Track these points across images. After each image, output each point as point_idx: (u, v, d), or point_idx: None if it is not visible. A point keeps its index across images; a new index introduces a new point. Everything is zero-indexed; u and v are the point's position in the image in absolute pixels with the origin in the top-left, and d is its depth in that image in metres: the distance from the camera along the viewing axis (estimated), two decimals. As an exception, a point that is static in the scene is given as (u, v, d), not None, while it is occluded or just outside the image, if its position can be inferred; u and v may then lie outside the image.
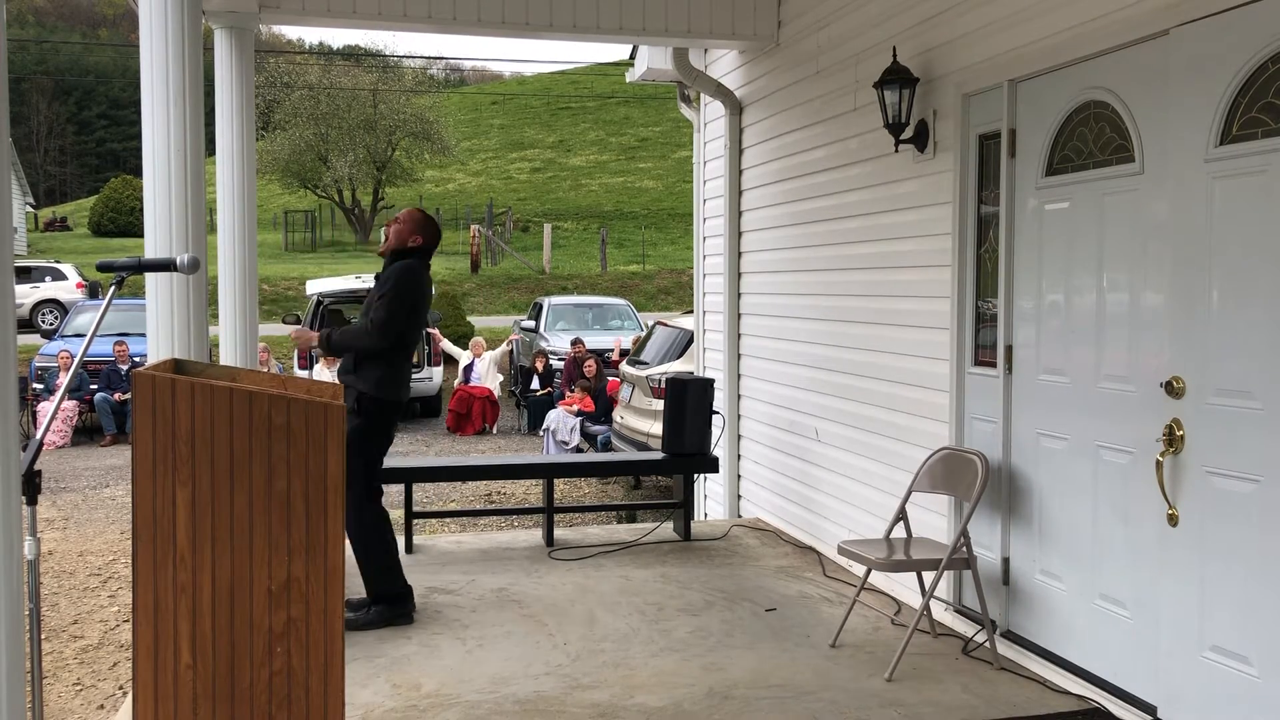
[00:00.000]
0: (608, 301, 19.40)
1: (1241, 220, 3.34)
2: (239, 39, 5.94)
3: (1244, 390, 3.34)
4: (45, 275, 24.25)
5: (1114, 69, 3.91)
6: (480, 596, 5.38)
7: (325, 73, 41.18)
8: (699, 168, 8.23)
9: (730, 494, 7.61)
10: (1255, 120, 3.30)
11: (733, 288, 7.45)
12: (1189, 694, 3.55)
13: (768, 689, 4.17)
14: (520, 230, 38.94)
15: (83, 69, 72.69)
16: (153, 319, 4.49)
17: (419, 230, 4.98)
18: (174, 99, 4.40)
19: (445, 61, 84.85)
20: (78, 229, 45.87)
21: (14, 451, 2.27)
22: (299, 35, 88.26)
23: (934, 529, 4.90)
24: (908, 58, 5.09)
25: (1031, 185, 4.37)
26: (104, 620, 6.63)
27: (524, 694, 4.12)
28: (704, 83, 7.61)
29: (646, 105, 57.03)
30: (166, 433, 2.67)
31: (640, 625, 4.95)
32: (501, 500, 10.43)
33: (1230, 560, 3.39)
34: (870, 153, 5.51)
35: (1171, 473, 3.60)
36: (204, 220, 4.52)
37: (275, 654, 2.71)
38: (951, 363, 4.83)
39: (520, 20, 6.33)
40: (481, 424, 14.87)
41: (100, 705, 5.32)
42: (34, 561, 2.71)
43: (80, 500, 10.43)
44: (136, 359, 14.36)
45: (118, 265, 3.19)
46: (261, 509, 2.70)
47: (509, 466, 6.73)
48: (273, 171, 38.33)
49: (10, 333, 2.26)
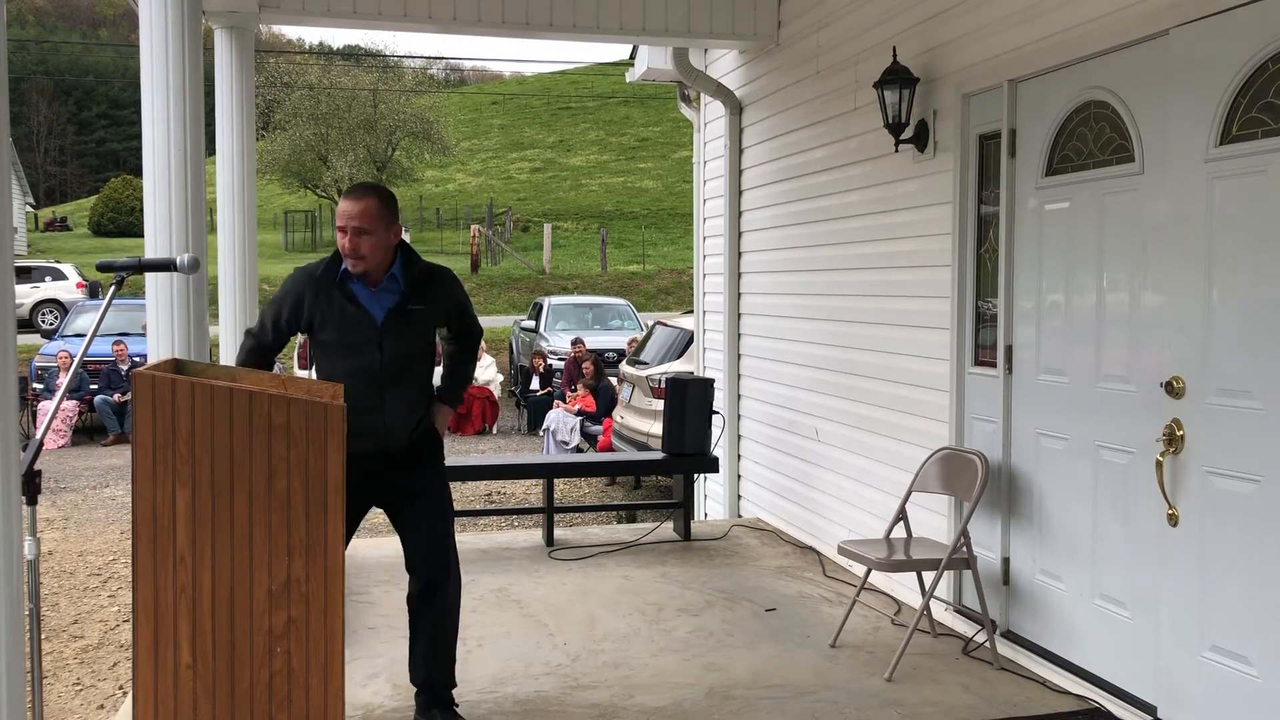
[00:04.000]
0: (608, 301, 19.39)
1: (1241, 220, 3.34)
2: (239, 39, 5.94)
3: (1244, 390, 3.33)
4: (45, 275, 24.25)
5: (1114, 69, 3.91)
6: (480, 596, 5.38)
7: (325, 73, 41.18)
8: (699, 168, 8.23)
9: (730, 494, 7.61)
10: (1255, 120, 3.30)
11: (733, 288, 7.45)
12: (1189, 694, 3.55)
13: (768, 689, 4.17)
14: (520, 230, 38.94)
15: (83, 69, 72.67)
16: (153, 319, 4.48)
17: (393, 217, 3.62)
18: (174, 99, 4.39)
19: (445, 61, 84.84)
20: (78, 229, 45.87)
21: (14, 451, 2.27)
22: (299, 35, 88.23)
23: (934, 529, 4.90)
24: (908, 58, 5.09)
25: (1031, 185, 4.37)
26: (104, 620, 6.63)
27: (524, 694, 4.12)
28: (704, 83, 7.61)
29: (646, 105, 57.02)
30: (166, 433, 2.67)
31: (640, 625, 4.95)
32: (501, 500, 10.43)
33: (1230, 560, 3.39)
34: (870, 153, 5.51)
35: (1171, 473, 3.60)
36: (204, 220, 4.52)
37: (275, 654, 2.71)
38: (951, 363, 4.82)
39: (520, 20, 6.32)
40: (481, 424, 14.87)
41: (100, 705, 5.32)
42: (34, 561, 2.71)
43: (80, 500, 10.43)
44: (136, 359, 14.36)
45: (118, 265, 3.19)
46: (261, 509, 2.70)
47: (509, 466, 6.73)
48: (273, 171, 38.32)
49: (10, 333, 2.26)
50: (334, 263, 3.67)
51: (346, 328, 3.61)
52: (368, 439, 3.60)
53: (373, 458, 3.64)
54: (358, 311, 3.61)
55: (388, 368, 3.63)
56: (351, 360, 3.61)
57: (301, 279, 3.68)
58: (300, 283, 3.68)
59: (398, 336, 3.64)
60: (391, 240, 3.64)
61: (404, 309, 3.65)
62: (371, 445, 3.62)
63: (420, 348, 3.72)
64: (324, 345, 3.66)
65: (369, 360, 3.61)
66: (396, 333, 3.63)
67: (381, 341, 3.62)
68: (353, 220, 3.55)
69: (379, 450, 3.65)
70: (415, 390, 3.73)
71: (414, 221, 42.46)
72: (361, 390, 3.57)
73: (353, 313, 3.61)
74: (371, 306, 3.63)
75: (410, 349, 3.67)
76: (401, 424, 3.68)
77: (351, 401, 3.48)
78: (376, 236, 3.57)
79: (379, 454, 3.65)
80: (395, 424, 3.66)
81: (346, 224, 3.57)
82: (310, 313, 3.64)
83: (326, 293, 3.63)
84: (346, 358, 3.63)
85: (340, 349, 3.63)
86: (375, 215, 3.57)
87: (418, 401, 3.75)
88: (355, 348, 3.61)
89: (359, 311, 3.61)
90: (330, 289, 3.63)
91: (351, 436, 3.41)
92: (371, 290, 3.64)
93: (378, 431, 3.63)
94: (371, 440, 3.62)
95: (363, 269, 3.59)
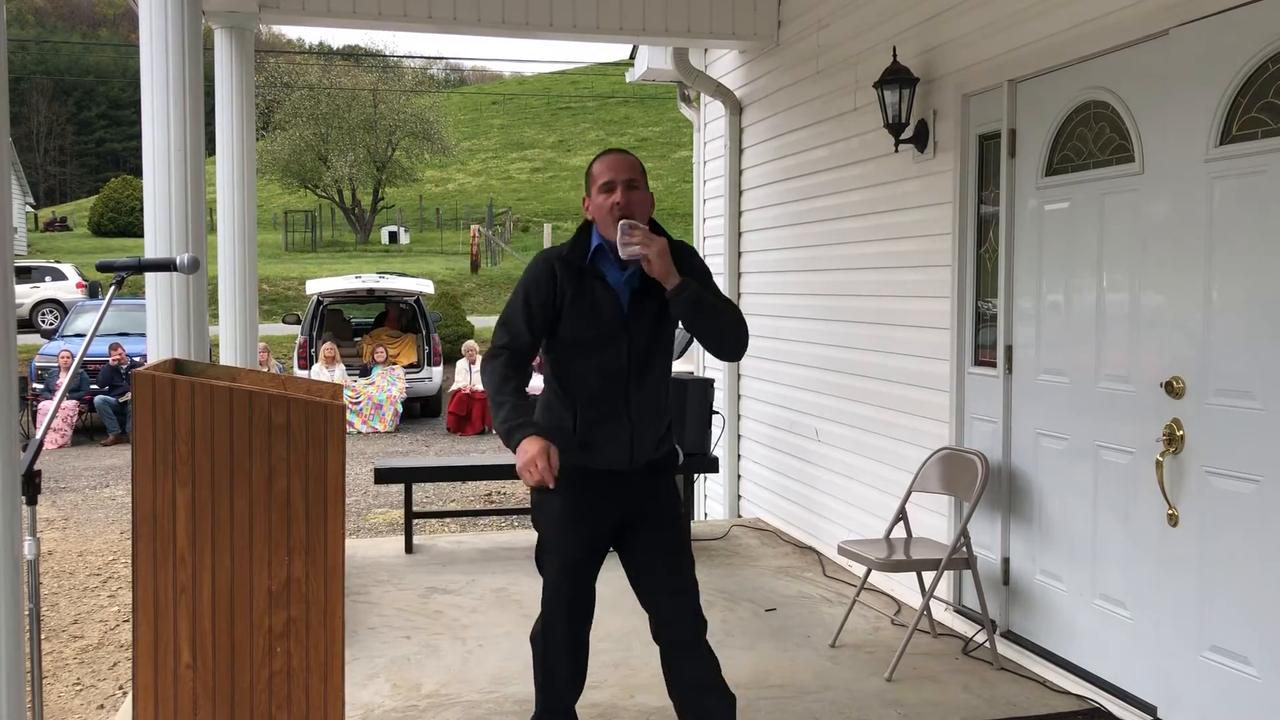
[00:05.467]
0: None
1: (1241, 220, 3.34)
2: (239, 39, 5.94)
3: (1244, 390, 3.33)
4: (45, 275, 24.24)
5: (1114, 69, 3.91)
6: (480, 596, 5.38)
7: (325, 73, 41.21)
8: (699, 168, 8.23)
9: (730, 494, 7.61)
10: (1255, 120, 3.30)
11: (733, 287, 7.45)
12: (1189, 694, 3.55)
13: (768, 689, 4.17)
14: (520, 230, 38.93)
15: (83, 69, 72.69)
16: (153, 319, 4.48)
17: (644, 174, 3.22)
18: (174, 99, 4.39)
19: (445, 61, 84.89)
20: (78, 229, 45.85)
21: (14, 451, 2.27)
22: (299, 35, 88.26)
23: (934, 529, 4.90)
24: (908, 58, 5.09)
25: (1031, 185, 4.37)
26: (104, 620, 6.63)
27: (524, 694, 4.12)
28: (704, 83, 7.61)
29: (646, 105, 57.03)
30: (166, 433, 2.66)
31: (640, 625, 4.94)
32: (501, 500, 10.43)
33: (1230, 560, 3.39)
34: (870, 153, 5.51)
35: (1171, 473, 3.60)
36: (204, 220, 4.52)
37: (275, 654, 2.71)
38: (951, 363, 4.82)
39: (520, 20, 6.32)
40: (481, 424, 14.87)
41: (100, 705, 5.32)
42: (34, 561, 2.71)
43: (80, 500, 10.43)
44: (135, 359, 14.37)
45: (118, 265, 3.19)
46: (261, 509, 2.70)
47: (509, 466, 6.73)
48: (273, 171, 38.33)
49: (10, 333, 2.26)
50: (581, 240, 3.18)
51: (598, 316, 3.10)
52: (612, 449, 3.15)
53: (612, 474, 3.17)
54: (609, 296, 3.12)
55: (635, 362, 3.13)
56: (599, 355, 3.12)
57: (545, 262, 3.17)
58: (546, 265, 3.15)
59: (646, 324, 3.15)
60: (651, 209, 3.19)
61: (652, 291, 3.13)
62: (616, 457, 3.15)
63: (667, 337, 3.23)
64: (568, 341, 3.15)
65: (615, 355, 3.12)
66: (644, 320, 3.15)
67: (630, 331, 3.12)
68: (623, 173, 3.09)
69: (622, 464, 3.16)
70: (661, 390, 3.24)
71: (414, 221, 42.48)
72: (607, 391, 3.13)
73: (604, 298, 3.11)
74: (620, 290, 3.14)
75: (657, 339, 3.19)
76: (650, 430, 3.19)
77: (595, 406, 3.13)
78: (645, 195, 3.14)
79: (621, 470, 3.17)
80: (643, 430, 3.17)
81: (617, 177, 3.09)
82: (560, 300, 3.12)
83: (575, 275, 3.12)
84: (594, 353, 3.12)
85: (588, 344, 3.12)
86: (642, 171, 3.17)
87: (662, 403, 3.24)
88: (604, 341, 3.11)
89: (610, 296, 3.12)
90: (579, 270, 3.13)
91: (593, 448, 3.14)
92: (622, 271, 3.14)
93: (623, 440, 3.15)
94: (616, 451, 3.15)
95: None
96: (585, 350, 3.13)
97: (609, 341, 3.11)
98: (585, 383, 3.13)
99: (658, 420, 3.22)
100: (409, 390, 15.68)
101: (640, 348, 3.14)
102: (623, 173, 3.09)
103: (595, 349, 3.12)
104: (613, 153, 3.18)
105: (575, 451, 3.13)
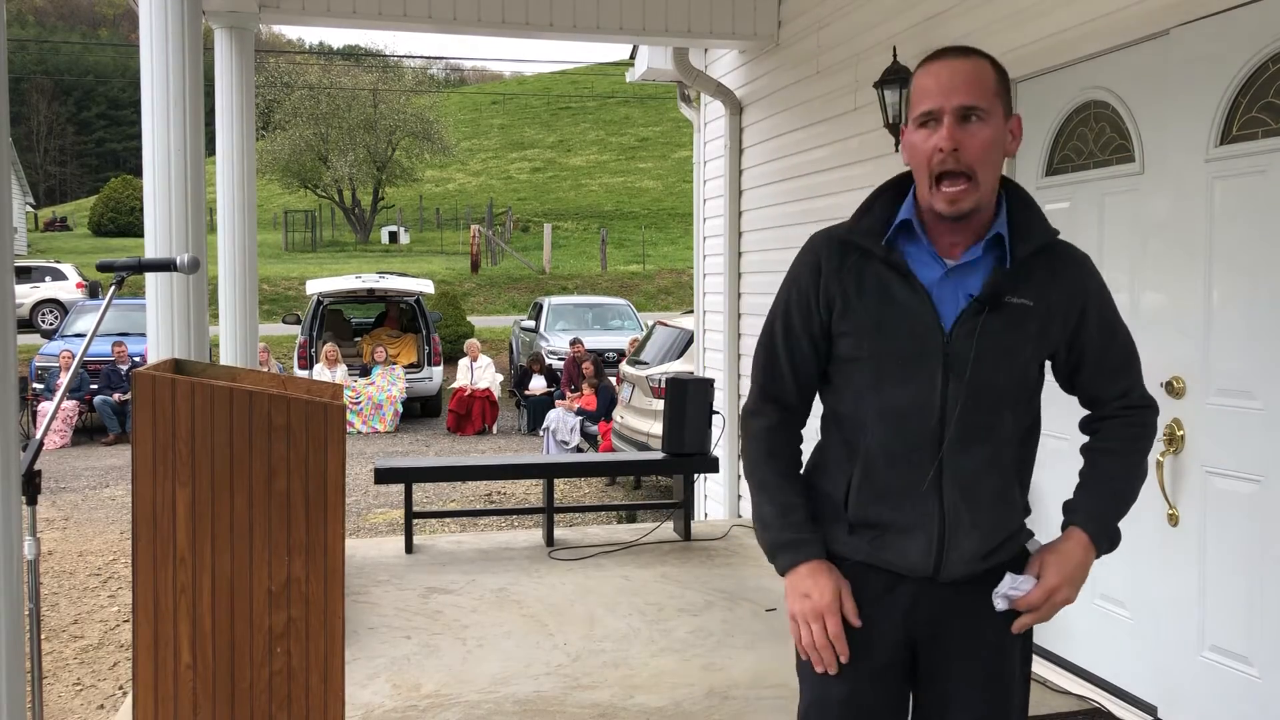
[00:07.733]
0: (608, 301, 19.41)
1: (1241, 220, 3.34)
2: (239, 39, 5.94)
3: (1244, 390, 3.33)
4: (45, 275, 24.24)
5: (1114, 69, 3.91)
6: (480, 596, 5.38)
7: (325, 73, 41.22)
8: (699, 168, 8.23)
9: (730, 494, 7.61)
10: (1255, 120, 3.30)
11: (733, 287, 7.45)
12: (1189, 694, 3.55)
13: (768, 689, 4.17)
14: (520, 230, 38.94)
15: (83, 69, 72.73)
16: (153, 319, 4.48)
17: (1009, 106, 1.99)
18: (174, 99, 4.39)
19: (445, 61, 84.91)
20: (78, 229, 45.87)
21: (14, 451, 2.27)
22: (299, 35, 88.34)
23: (934, 529, 4.90)
24: (908, 58, 5.09)
25: (1031, 185, 4.36)
26: (104, 620, 6.63)
27: (524, 694, 4.12)
28: (704, 83, 7.61)
29: (646, 105, 57.04)
30: (166, 433, 2.66)
31: (640, 625, 4.95)
32: (501, 500, 10.43)
33: (1230, 560, 3.39)
34: (870, 153, 5.51)
35: (1171, 473, 3.60)
36: (204, 220, 4.52)
37: (275, 654, 2.71)
38: (951, 363, 4.82)
39: (520, 20, 6.33)
40: (481, 424, 14.87)
41: (100, 705, 5.32)
42: (34, 561, 2.71)
43: (80, 500, 10.43)
44: (136, 359, 14.37)
45: (118, 265, 3.19)
46: (261, 509, 2.70)
47: (509, 466, 6.73)
48: (273, 171, 38.36)
49: (10, 333, 2.26)
50: (880, 207, 2.04)
51: (891, 324, 1.96)
52: (906, 542, 1.99)
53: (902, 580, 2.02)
54: (913, 297, 1.96)
55: (956, 407, 1.94)
56: (896, 389, 1.96)
57: (812, 251, 2.07)
58: (811, 256, 2.06)
59: (984, 351, 1.94)
60: (1005, 154, 1.95)
61: (997, 300, 1.94)
62: (912, 555, 1.99)
63: (1019, 378, 2.01)
64: (846, 360, 2.02)
65: (924, 389, 1.95)
66: (981, 344, 1.94)
67: (950, 356, 1.94)
68: (956, 95, 1.88)
69: (922, 568, 1.99)
70: (1005, 457, 2.03)
71: (414, 221, 42.49)
72: (904, 448, 1.97)
73: (904, 297, 1.96)
74: (939, 290, 1.96)
75: (1002, 378, 1.97)
76: (980, 517, 1.98)
77: (882, 468, 1.98)
78: (994, 129, 1.89)
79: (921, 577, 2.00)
80: (965, 517, 1.98)
81: (945, 103, 1.89)
82: (830, 306, 2.02)
83: (858, 262, 2.00)
84: (885, 386, 1.97)
85: (877, 365, 1.97)
86: (992, 90, 1.91)
87: (1008, 484, 2.03)
88: (905, 364, 1.95)
89: (916, 297, 1.96)
90: (867, 255, 2.00)
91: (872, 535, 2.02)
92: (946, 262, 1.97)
93: (927, 530, 1.97)
94: (912, 545, 1.99)
95: (967, 196, 1.89)
96: (872, 375, 1.99)
97: (913, 369, 1.95)
98: (869, 430, 1.99)
99: (999, 507, 2.00)
100: (409, 390, 15.68)
101: (971, 385, 1.94)
102: (956, 95, 1.87)
103: (886, 380, 1.97)
104: (946, 56, 1.93)
105: (842, 537, 2.06)
